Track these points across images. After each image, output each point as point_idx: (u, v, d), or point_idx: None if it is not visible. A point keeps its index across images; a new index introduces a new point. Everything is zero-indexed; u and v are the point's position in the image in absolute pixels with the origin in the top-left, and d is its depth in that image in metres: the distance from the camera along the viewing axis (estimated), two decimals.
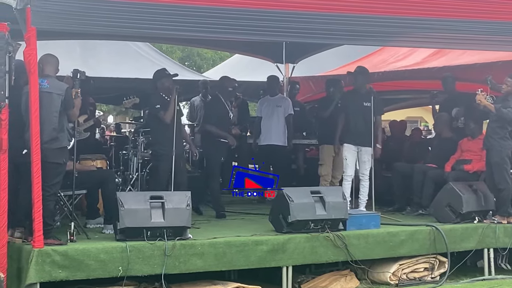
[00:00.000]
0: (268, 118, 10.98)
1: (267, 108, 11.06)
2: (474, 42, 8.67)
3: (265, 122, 11.01)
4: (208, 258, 7.21)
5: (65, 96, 6.94)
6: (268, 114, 10.99)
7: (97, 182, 8.11)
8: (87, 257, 6.72)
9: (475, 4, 8.47)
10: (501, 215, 8.84)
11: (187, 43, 14.89)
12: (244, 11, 7.40)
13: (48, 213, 6.78)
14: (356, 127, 9.34)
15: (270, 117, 10.98)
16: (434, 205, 9.17)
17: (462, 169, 9.60)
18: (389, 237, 8.18)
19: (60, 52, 7.44)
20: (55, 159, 6.83)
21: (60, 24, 6.79)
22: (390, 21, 8.06)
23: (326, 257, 7.83)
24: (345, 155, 9.40)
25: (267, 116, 11.00)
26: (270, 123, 10.96)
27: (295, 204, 7.73)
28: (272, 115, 10.98)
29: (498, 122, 8.79)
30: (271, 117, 10.97)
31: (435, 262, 8.43)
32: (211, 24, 7.32)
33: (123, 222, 7.01)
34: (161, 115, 8.64)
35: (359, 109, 9.35)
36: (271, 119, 10.97)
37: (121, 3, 6.89)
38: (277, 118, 10.93)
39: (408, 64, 12.11)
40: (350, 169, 9.35)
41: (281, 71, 13.37)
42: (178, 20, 7.16)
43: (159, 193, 7.49)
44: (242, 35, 7.82)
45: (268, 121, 10.98)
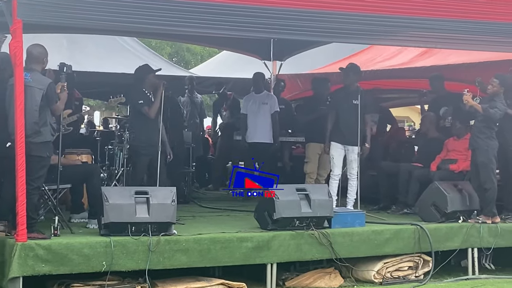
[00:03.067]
0: (254, 116, 10.96)
1: (253, 105, 11.04)
2: (462, 42, 8.68)
3: (251, 120, 10.98)
4: (193, 254, 7.19)
5: (47, 91, 6.88)
6: (254, 111, 10.97)
7: (82, 177, 8.09)
8: (71, 251, 6.68)
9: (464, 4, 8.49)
10: (485, 215, 8.86)
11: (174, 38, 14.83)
12: (232, 7, 7.38)
13: (31, 207, 6.73)
14: (345, 125, 9.32)
15: (256, 115, 10.96)
16: (419, 204, 9.19)
17: (448, 168, 9.63)
18: (374, 235, 8.19)
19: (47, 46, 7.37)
20: (38, 152, 6.80)
21: (46, 17, 6.75)
22: (379, 19, 8.06)
23: (310, 254, 7.83)
24: (332, 154, 9.38)
25: (253, 114, 10.97)
26: (256, 121, 10.94)
27: (280, 202, 7.73)
28: (258, 112, 10.96)
29: (484, 122, 8.81)
30: (257, 114, 10.95)
31: (419, 261, 8.45)
32: (199, 20, 7.30)
33: (108, 217, 6.98)
34: (144, 110, 8.61)
35: (348, 107, 9.31)
36: (257, 117, 10.95)
37: None
38: (263, 116, 10.91)
39: (396, 64, 12.13)
40: (337, 169, 9.34)
41: (268, 68, 13.37)
42: (165, 15, 7.14)
43: (144, 188, 7.47)
44: (229, 31, 7.79)
45: (254, 118, 10.96)
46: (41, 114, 6.86)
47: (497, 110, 8.69)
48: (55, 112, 7.09)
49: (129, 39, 14.04)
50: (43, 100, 6.86)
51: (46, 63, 7.20)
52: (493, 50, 9.15)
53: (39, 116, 6.83)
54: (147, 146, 8.66)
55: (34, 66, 6.98)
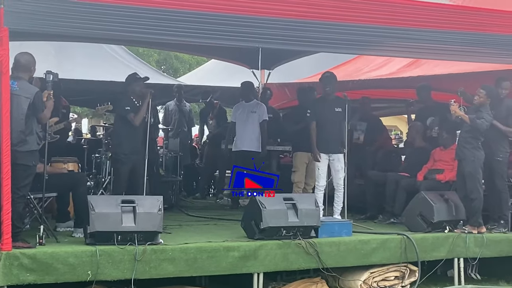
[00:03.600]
0: (243, 124, 10.96)
1: (242, 113, 11.04)
2: (448, 53, 8.73)
3: (240, 128, 10.99)
4: (179, 264, 7.17)
5: (33, 100, 6.85)
6: (243, 120, 10.98)
7: (68, 185, 8.05)
8: (56, 260, 6.64)
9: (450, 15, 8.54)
10: (471, 225, 8.89)
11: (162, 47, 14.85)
12: (220, 16, 7.38)
13: (17, 215, 6.71)
14: (326, 134, 9.31)
15: (244, 123, 10.97)
16: (405, 214, 9.21)
17: (434, 178, 9.66)
18: (361, 245, 8.19)
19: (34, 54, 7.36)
20: (24, 161, 6.77)
21: (33, 25, 6.74)
22: (366, 30, 8.10)
23: (297, 264, 7.82)
24: (318, 165, 9.38)
25: (241, 122, 10.98)
26: (244, 129, 10.94)
27: (267, 211, 7.72)
28: (247, 121, 10.96)
29: (470, 133, 8.84)
30: (245, 123, 10.96)
31: (405, 271, 8.45)
32: (187, 29, 7.31)
33: (93, 225, 6.95)
34: (130, 117, 8.62)
35: (330, 115, 9.32)
36: (245, 125, 10.95)
37: (96, 5, 6.84)
38: (251, 124, 10.91)
39: (383, 74, 12.17)
40: (322, 180, 9.34)
41: (256, 77, 13.39)
42: (153, 24, 7.13)
43: (130, 197, 7.44)
44: (217, 40, 7.79)
45: (242, 126, 10.97)
46: (27, 123, 6.84)
47: (483, 121, 8.73)
48: (42, 120, 7.06)
49: (117, 47, 14.03)
50: (30, 109, 6.83)
51: (34, 72, 7.18)
52: (480, 61, 9.18)
53: (25, 124, 6.81)
54: (129, 154, 8.65)
55: (21, 75, 6.96)
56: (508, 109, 9.12)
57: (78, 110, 21.91)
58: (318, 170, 9.34)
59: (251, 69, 13.35)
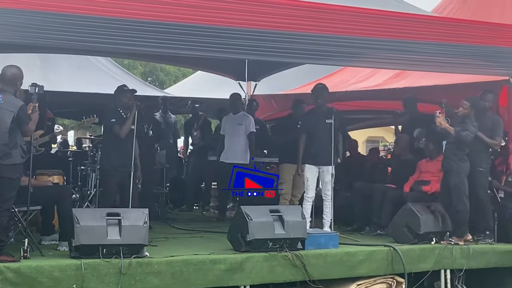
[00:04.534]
0: (231, 136, 10.94)
1: (229, 126, 11.02)
2: (434, 64, 8.78)
3: (228, 140, 10.96)
4: (165, 277, 7.11)
5: (18, 113, 6.80)
6: (230, 132, 10.96)
7: (53, 198, 7.98)
8: (40, 274, 6.57)
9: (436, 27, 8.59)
10: (458, 236, 8.90)
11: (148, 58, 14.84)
12: (206, 28, 7.39)
13: (1, 229, 6.65)
14: (318, 146, 9.31)
15: (232, 135, 10.94)
16: (392, 226, 9.20)
17: (421, 190, 9.67)
18: (347, 257, 8.18)
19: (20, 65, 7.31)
20: (8, 174, 6.71)
21: (18, 37, 6.72)
22: (352, 41, 8.14)
23: (284, 276, 7.78)
24: (307, 176, 9.37)
25: (229, 134, 10.96)
26: (232, 141, 10.92)
27: (253, 223, 7.69)
28: (234, 133, 10.94)
29: (456, 144, 8.87)
30: (233, 135, 10.94)
31: (392, 283, 8.43)
32: (173, 41, 7.31)
33: (78, 239, 6.89)
34: (116, 129, 8.61)
35: (321, 127, 9.32)
36: (233, 137, 10.93)
37: (81, 17, 6.84)
38: (238, 136, 10.90)
39: (369, 86, 12.20)
40: (311, 191, 9.33)
41: (243, 89, 13.39)
42: (138, 36, 7.14)
43: (116, 210, 7.40)
44: (204, 52, 7.78)
45: (230, 139, 10.94)
46: (11, 136, 6.78)
47: (468, 133, 8.75)
48: (26, 133, 7.00)
49: (103, 59, 14.00)
50: (14, 122, 6.78)
51: (20, 86, 7.12)
52: (466, 72, 9.25)
53: (9, 138, 6.75)
54: (118, 167, 8.64)
55: (6, 88, 6.90)
56: (493, 121, 9.15)
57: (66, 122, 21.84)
58: (307, 182, 9.33)
59: (237, 81, 13.35)
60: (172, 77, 28.21)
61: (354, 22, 8.12)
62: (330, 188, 9.30)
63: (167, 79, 28.13)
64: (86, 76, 13.37)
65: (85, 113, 9.64)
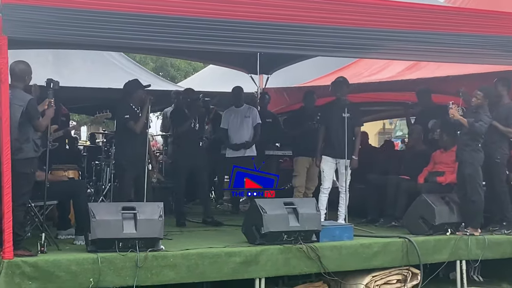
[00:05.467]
0: (238, 129, 10.91)
1: (235, 119, 10.99)
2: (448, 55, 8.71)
3: (235, 134, 10.93)
4: (181, 270, 7.16)
5: (26, 107, 6.82)
6: (237, 125, 10.93)
7: (69, 193, 8.04)
8: (58, 268, 6.63)
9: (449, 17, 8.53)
10: (473, 227, 8.88)
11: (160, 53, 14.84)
12: (218, 21, 7.37)
13: (17, 223, 6.69)
14: (336, 139, 9.33)
15: (239, 128, 10.93)
16: (407, 217, 9.19)
17: (435, 181, 9.65)
18: (362, 249, 8.18)
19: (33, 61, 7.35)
20: (21, 169, 6.72)
21: (32, 33, 6.70)
22: (365, 33, 8.08)
23: (299, 269, 7.80)
24: (323, 168, 9.38)
25: (235, 128, 10.92)
26: (240, 134, 10.91)
27: (268, 216, 7.70)
28: (242, 126, 10.94)
29: (469, 135, 8.84)
30: (240, 128, 10.92)
31: (407, 274, 8.44)
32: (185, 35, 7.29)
33: (95, 233, 6.94)
34: (130, 125, 8.63)
35: (339, 120, 9.33)
36: (240, 130, 10.92)
37: (93, 12, 6.82)
38: (246, 129, 10.90)
39: (383, 78, 12.16)
40: (327, 182, 9.35)
41: (255, 82, 13.37)
42: (151, 30, 7.11)
43: (131, 204, 7.44)
44: (215, 46, 7.76)
45: (237, 132, 10.91)
46: (22, 131, 6.80)
47: (482, 124, 8.73)
48: (38, 128, 7.01)
49: (116, 54, 14.01)
50: (23, 116, 6.80)
51: (29, 81, 7.15)
52: (480, 62, 9.19)
53: (20, 133, 6.77)
54: (133, 161, 8.66)
55: (15, 83, 6.92)
56: (508, 110, 9.11)
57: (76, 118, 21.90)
58: (323, 173, 9.36)
59: (249, 74, 13.33)
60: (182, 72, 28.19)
61: (367, 14, 8.06)
62: (346, 180, 9.29)
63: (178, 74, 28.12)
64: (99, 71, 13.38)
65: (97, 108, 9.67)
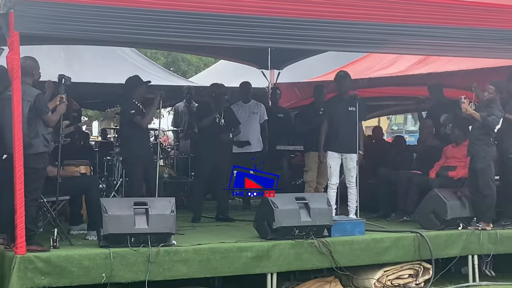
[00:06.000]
0: (245, 125, 10.91)
1: (243, 114, 10.98)
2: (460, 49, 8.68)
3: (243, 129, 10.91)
4: (192, 265, 7.18)
5: (34, 102, 6.82)
6: (244, 121, 10.92)
7: (81, 188, 8.08)
8: (70, 263, 6.66)
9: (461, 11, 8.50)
10: (485, 222, 8.85)
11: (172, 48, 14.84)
12: (229, 16, 7.38)
13: (30, 219, 6.71)
14: (341, 134, 9.31)
15: (247, 124, 10.92)
16: (418, 212, 9.17)
17: (447, 175, 9.62)
18: (374, 243, 8.18)
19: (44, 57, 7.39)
20: (32, 164, 6.72)
21: (43, 29, 6.73)
22: (375, 27, 8.06)
23: (310, 263, 7.81)
24: (329, 163, 9.37)
25: (243, 123, 10.90)
26: (247, 130, 10.91)
27: (279, 211, 7.71)
28: (249, 121, 10.95)
29: (481, 129, 8.81)
30: (248, 123, 10.93)
31: (419, 269, 8.43)
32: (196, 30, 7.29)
33: (107, 228, 6.97)
34: (137, 119, 8.64)
35: (344, 115, 9.31)
36: (248, 126, 10.92)
37: (105, 8, 6.85)
38: (254, 125, 10.92)
39: (393, 72, 12.13)
40: (334, 178, 9.33)
41: (266, 77, 13.38)
42: (162, 26, 7.12)
43: (143, 199, 7.47)
44: (227, 41, 7.80)
45: (245, 128, 10.90)
46: (31, 126, 6.81)
47: (495, 118, 8.70)
48: (48, 123, 7.01)
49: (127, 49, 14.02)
50: (31, 111, 6.80)
51: (37, 76, 7.13)
52: (492, 57, 9.15)
53: (29, 128, 6.77)
54: (141, 155, 8.68)
55: (24, 79, 6.89)
56: None
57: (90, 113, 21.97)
58: (330, 169, 9.33)
59: (260, 69, 13.33)
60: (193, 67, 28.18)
61: (378, 8, 8.04)
62: (354, 175, 9.29)
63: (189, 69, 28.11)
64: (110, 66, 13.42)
65: (108, 103, 9.71)
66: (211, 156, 9.62)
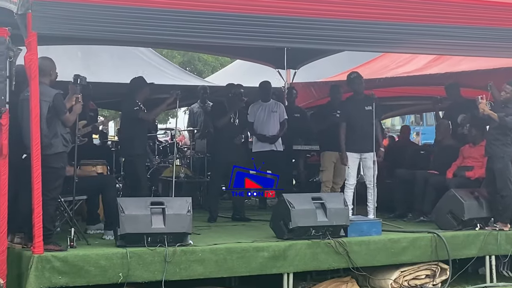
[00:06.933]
0: (265, 124, 10.90)
1: (262, 113, 10.97)
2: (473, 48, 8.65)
3: (262, 128, 10.91)
4: (209, 265, 7.19)
5: (53, 102, 6.86)
6: (264, 120, 10.91)
7: (98, 188, 8.10)
8: (87, 263, 6.70)
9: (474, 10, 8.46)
10: (503, 222, 8.80)
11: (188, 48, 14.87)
12: (245, 16, 7.38)
13: (48, 218, 6.75)
14: (359, 133, 9.29)
15: (266, 123, 10.91)
16: (435, 212, 9.14)
17: (464, 175, 9.57)
18: (391, 244, 8.15)
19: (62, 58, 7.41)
20: (51, 164, 6.78)
21: (61, 29, 6.77)
22: (391, 27, 8.06)
23: (327, 263, 7.80)
24: (348, 164, 9.35)
25: (262, 122, 10.90)
26: (267, 129, 10.90)
27: (296, 211, 7.70)
28: (269, 120, 10.93)
29: (499, 129, 8.76)
30: (267, 122, 10.91)
31: (436, 269, 8.40)
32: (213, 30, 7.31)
33: (124, 228, 6.99)
34: (142, 115, 8.76)
35: (361, 114, 9.31)
36: (268, 125, 10.91)
37: (122, 8, 6.87)
38: (273, 124, 10.89)
39: (409, 70, 12.08)
40: (352, 178, 9.32)
41: (282, 77, 13.37)
42: (179, 26, 7.14)
43: (159, 199, 7.52)
44: (243, 41, 7.81)
45: (264, 127, 10.90)
46: (50, 126, 6.85)
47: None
48: (66, 123, 7.05)
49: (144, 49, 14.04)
50: (50, 111, 6.85)
51: (54, 76, 7.18)
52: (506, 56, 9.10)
53: (48, 128, 6.82)
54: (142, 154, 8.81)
55: (42, 79, 6.93)
56: None
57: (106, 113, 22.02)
58: (348, 169, 9.32)
59: (276, 69, 13.32)
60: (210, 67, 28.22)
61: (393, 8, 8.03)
62: (373, 174, 9.26)
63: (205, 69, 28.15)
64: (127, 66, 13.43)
65: None
66: (227, 156, 9.63)
